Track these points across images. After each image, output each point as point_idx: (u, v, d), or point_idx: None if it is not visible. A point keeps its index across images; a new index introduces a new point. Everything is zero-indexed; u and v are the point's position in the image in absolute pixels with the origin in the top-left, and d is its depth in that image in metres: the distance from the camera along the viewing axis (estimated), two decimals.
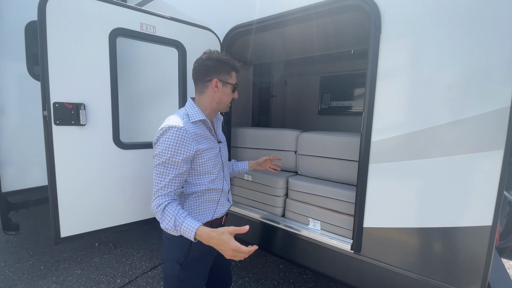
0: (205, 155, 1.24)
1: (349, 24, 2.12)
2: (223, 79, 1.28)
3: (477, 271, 1.26)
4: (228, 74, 1.29)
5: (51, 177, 1.41)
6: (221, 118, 1.47)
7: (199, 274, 1.32)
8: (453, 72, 1.25)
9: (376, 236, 1.52)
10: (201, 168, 1.25)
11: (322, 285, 2.50)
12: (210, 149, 1.27)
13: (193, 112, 1.25)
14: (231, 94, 1.33)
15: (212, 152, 1.29)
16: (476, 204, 1.24)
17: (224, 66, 1.27)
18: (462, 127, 1.24)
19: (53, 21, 1.36)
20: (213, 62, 1.25)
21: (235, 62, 1.30)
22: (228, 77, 1.29)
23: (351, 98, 4.08)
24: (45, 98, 1.37)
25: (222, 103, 1.32)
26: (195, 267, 1.29)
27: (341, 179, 2.01)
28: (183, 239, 1.19)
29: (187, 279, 1.27)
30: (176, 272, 1.26)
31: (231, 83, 1.30)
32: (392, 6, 1.38)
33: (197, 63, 1.27)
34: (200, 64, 1.26)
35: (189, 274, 1.28)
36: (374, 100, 1.46)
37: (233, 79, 1.31)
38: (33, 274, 2.57)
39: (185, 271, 1.26)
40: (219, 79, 1.26)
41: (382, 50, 1.42)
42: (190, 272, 1.28)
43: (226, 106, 1.35)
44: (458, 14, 1.22)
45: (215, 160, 1.30)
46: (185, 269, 1.26)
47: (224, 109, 1.37)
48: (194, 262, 1.28)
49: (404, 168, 1.40)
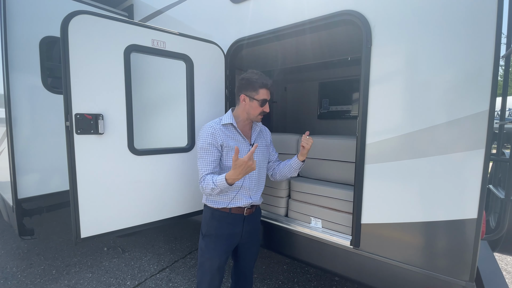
0: (229, 151, 1.54)
1: (344, 34, 2.26)
2: (250, 95, 1.56)
3: (466, 261, 1.37)
4: (254, 91, 1.55)
5: (73, 182, 1.53)
6: (260, 125, 1.73)
7: (213, 250, 1.57)
8: (439, 78, 1.38)
9: (373, 232, 1.63)
10: (224, 161, 1.55)
11: (325, 283, 2.59)
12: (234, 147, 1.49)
13: (225, 117, 1.60)
14: (258, 107, 1.57)
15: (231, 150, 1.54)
16: (462, 199, 1.36)
17: (251, 84, 1.54)
18: (447, 129, 1.37)
19: (74, 39, 1.49)
20: (244, 80, 1.56)
21: (264, 80, 1.54)
22: (255, 94, 1.55)
23: (349, 102, 4.22)
24: (68, 110, 1.49)
25: (251, 114, 1.60)
26: (211, 241, 1.58)
27: (339, 180, 2.13)
28: (206, 214, 1.61)
29: (204, 249, 1.58)
30: (200, 241, 1.63)
31: (257, 98, 1.55)
32: (381, 21, 1.52)
33: (237, 80, 1.59)
34: (237, 81, 1.62)
35: (206, 246, 1.58)
36: (367, 105, 1.59)
37: (259, 95, 1.55)
38: (45, 278, 2.66)
39: (204, 241, 1.60)
40: (246, 95, 1.56)
41: (374, 59, 1.56)
42: (207, 244, 1.58)
43: (255, 116, 1.60)
44: (442, 23, 1.36)
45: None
46: (204, 239, 1.59)
47: (255, 119, 1.62)
48: (212, 237, 1.58)
49: (397, 167, 1.52)
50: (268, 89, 1.57)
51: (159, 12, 2.70)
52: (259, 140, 1.70)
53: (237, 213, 1.59)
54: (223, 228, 1.58)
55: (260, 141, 1.71)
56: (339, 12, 1.65)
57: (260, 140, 1.72)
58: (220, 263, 1.58)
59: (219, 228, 1.58)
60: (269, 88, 1.57)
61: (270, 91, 1.58)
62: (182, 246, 3.35)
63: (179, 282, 2.60)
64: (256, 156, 1.63)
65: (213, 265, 1.57)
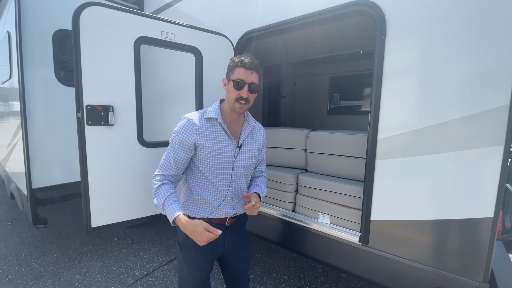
0: (205, 152, 1.26)
1: (357, 27, 2.20)
2: (228, 77, 1.29)
3: (480, 261, 1.32)
4: (231, 71, 1.27)
5: (84, 172, 1.55)
6: (253, 123, 1.43)
7: (193, 263, 1.35)
8: (456, 72, 1.33)
9: (383, 229, 1.59)
10: (197, 161, 1.29)
11: (332, 280, 2.57)
12: (214, 149, 1.26)
13: (211, 109, 1.32)
14: (234, 90, 1.25)
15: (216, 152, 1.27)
16: (478, 197, 1.31)
17: (230, 65, 1.29)
18: (464, 125, 1.31)
19: (85, 31, 1.50)
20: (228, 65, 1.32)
21: (243, 58, 1.25)
22: (231, 74, 1.27)
23: (360, 97, 4.12)
24: (79, 101, 1.51)
25: (229, 101, 1.29)
26: (189, 254, 1.35)
27: (348, 175, 2.09)
28: None
29: (183, 262, 1.37)
30: (178, 252, 1.40)
31: (232, 78, 1.25)
32: (397, 11, 1.47)
33: None
34: None
35: (185, 259, 1.36)
36: (380, 99, 1.54)
37: (235, 75, 1.25)
38: (58, 266, 2.74)
39: (182, 253, 1.37)
40: (226, 77, 1.31)
41: (388, 52, 1.51)
42: (186, 256, 1.36)
43: (233, 103, 1.27)
44: (460, 16, 1.30)
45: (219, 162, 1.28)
46: (182, 252, 1.36)
47: (234, 108, 1.28)
48: (190, 248, 1.33)
49: (409, 163, 1.47)
50: (247, 69, 1.23)
51: (169, 5, 2.70)
52: (248, 142, 1.39)
53: (218, 223, 1.35)
54: None
55: (250, 142, 1.39)
56: (352, 2, 1.60)
57: (251, 141, 1.40)
58: (202, 275, 1.37)
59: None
60: (248, 68, 1.23)
61: (251, 72, 1.24)
62: None
63: None
64: (242, 160, 1.35)
65: (195, 278, 1.37)
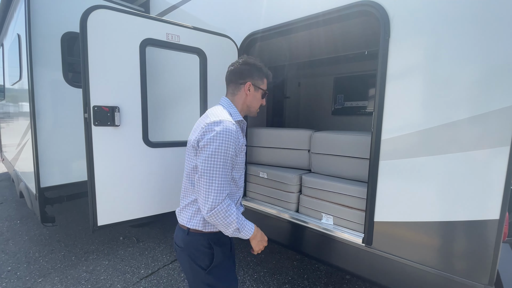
0: (242, 155, 1.26)
1: (361, 27, 2.19)
2: (256, 84, 1.33)
3: (486, 263, 1.31)
4: (261, 80, 1.34)
5: (90, 171, 1.58)
6: (245, 123, 1.45)
7: (227, 276, 1.26)
8: (464, 71, 1.31)
9: (386, 230, 1.59)
10: (237, 168, 1.25)
11: (336, 281, 2.56)
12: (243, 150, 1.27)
13: (234, 112, 1.29)
14: (260, 99, 1.38)
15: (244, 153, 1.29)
16: (484, 198, 1.29)
17: (258, 72, 1.33)
18: (471, 125, 1.30)
19: (93, 33, 1.53)
20: (250, 66, 1.31)
21: (268, 70, 1.37)
22: (261, 83, 1.35)
23: (365, 98, 4.10)
24: (86, 102, 1.55)
25: (252, 107, 1.37)
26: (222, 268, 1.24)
27: (352, 176, 2.08)
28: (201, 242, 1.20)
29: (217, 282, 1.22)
30: (203, 277, 1.20)
31: (263, 88, 1.36)
32: (401, 11, 1.46)
33: (233, 66, 1.32)
34: (237, 67, 1.31)
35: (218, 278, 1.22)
36: (384, 100, 1.53)
37: (264, 85, 1.37)
38: (65, 263, 2.79)
39: (212, 274, 1.20)
40: (253, 83, 1.31)
41: (392, 52, 1.50)
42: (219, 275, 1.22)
43: (255, 110, 1.39)
44: (467, 15, 1.29)
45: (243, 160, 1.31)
46: (212, 273, 1.20)
47: (252, 114, 1.41)
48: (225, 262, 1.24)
49: (414, 164, 1.46)
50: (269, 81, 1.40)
51: (174, 7, 2.73)
52: None
53: None
54: (227, 247, 1.27)
55: None
56: (356, 3, 1.60)
57: None
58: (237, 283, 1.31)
59: (224, 251, 1.24)
60: (270, 80, 1.40)
61: None
62: None
63: None
64: None
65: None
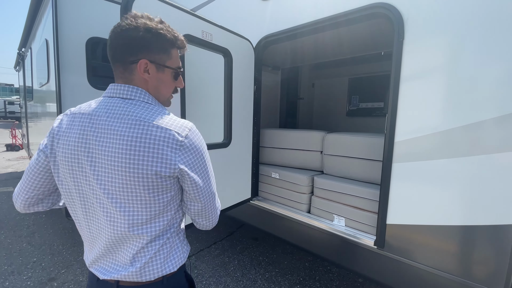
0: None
1: (377, 28, 2.18)
2: (157, 60, 0.81)
3: (501, 269, 1.27)
4: (165, 53, 0.82)
5: None
6: None
7: None
8: (485, 72, 1.28)
9: (399, 233, 1.57)
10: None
11: (348, 284, 2.54)
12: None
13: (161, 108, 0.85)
14: (172, 81, 0.87)
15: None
16: (500, 203, 1.26)
17: (158, 41, 0.80)
18: (492, 127, 1.27)
19: None
20: (142, 33, 0.77)
21: (176, 34, 0.84)
22: (166, 58, 0.83)
23: (380, 99, 4.03)
24: None
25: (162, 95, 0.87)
26: None
27: (365, 178, 2.07)
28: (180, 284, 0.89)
29: None
30: None
31: (171, 66, 0.85)
32: (416, 13, 1.45)
33: (114, 32, 0.78)
34: (119, 36, 0.77)
35: None
36: (397, 101, 1.53)
37: (173, 61, 0.85)
38: None
39: None
40: (151, 60, 0.80)
41: (406, 54, 1.49)
42: None
43: (166, 99, 0.89)
44: (478, 17, 1.26)
45: None
46: None
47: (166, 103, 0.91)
48: None
49: (430, 167, 1.44)
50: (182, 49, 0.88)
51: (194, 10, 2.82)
52: None
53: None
54: None
55: None
56: (370, 5, 1.59)
57: None
58: None
59: None
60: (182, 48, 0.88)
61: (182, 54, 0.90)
62: (207, 236, 3.49)
63: (203, 269, 2.73)
64: None
65: None
